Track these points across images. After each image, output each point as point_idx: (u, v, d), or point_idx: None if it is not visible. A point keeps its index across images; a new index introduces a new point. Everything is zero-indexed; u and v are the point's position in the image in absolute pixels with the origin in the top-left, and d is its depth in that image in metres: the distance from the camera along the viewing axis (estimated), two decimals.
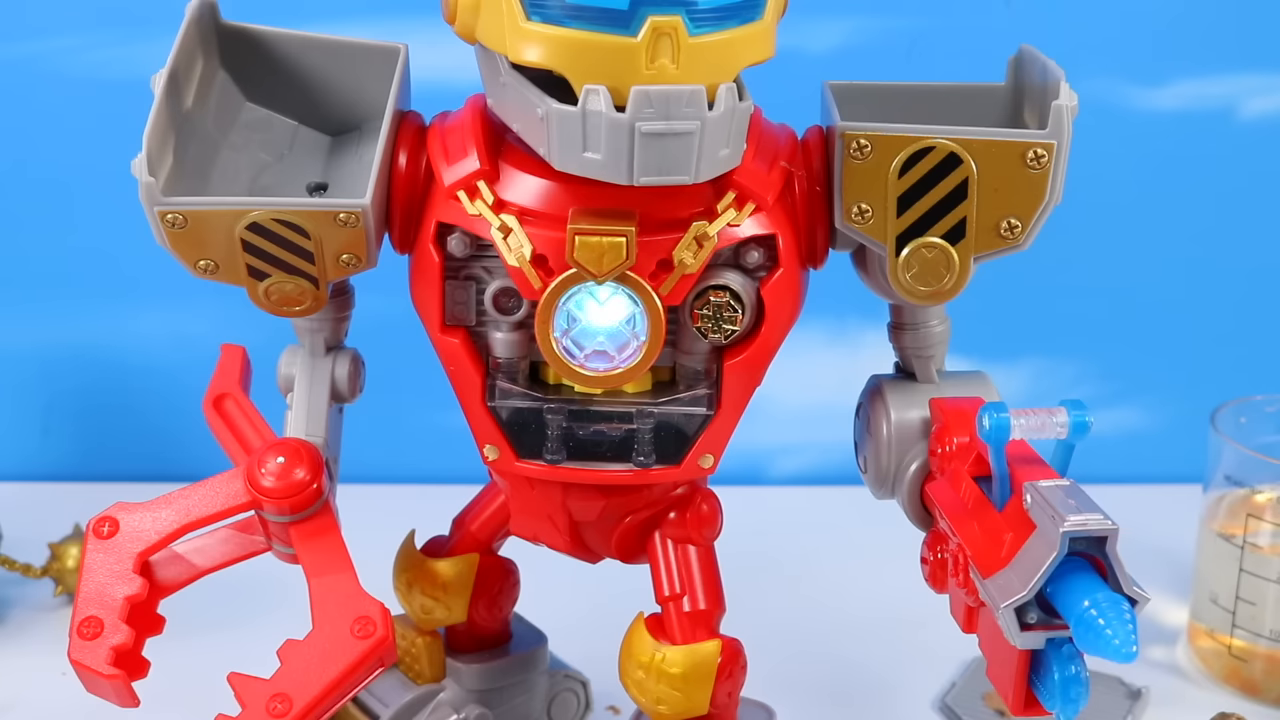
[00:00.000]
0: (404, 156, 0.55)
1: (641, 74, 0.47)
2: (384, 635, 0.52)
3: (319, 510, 0.55)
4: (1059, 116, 0.52)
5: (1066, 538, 0.46)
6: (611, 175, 0.49)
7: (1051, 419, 0.49)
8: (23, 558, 0.88)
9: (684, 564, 0.60)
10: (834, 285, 0.59)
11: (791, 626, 0.86)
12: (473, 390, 0.56)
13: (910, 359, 0.59)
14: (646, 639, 0.60)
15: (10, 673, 0.81)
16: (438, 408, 0.58)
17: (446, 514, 0.68)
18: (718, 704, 0.60)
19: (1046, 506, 0.47)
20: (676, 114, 0.47)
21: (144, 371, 1.04)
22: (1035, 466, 0.50)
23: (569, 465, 0.56)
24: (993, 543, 0.49)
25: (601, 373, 0.54)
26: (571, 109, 0.48)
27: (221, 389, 0.62)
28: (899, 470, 0.58)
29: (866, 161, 0.52)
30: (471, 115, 0.55)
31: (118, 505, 0.55)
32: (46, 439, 1.06)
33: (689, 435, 0.56)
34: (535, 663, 0.71)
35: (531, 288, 0.53)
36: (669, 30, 0.47)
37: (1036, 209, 0.53)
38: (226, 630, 0.55)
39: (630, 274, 0.52)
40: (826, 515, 0.99)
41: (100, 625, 0.52)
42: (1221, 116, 1.00)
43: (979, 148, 0.52)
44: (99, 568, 0.53)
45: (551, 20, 0.47)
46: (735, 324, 0.54)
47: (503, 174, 0.53)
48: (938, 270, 0.53)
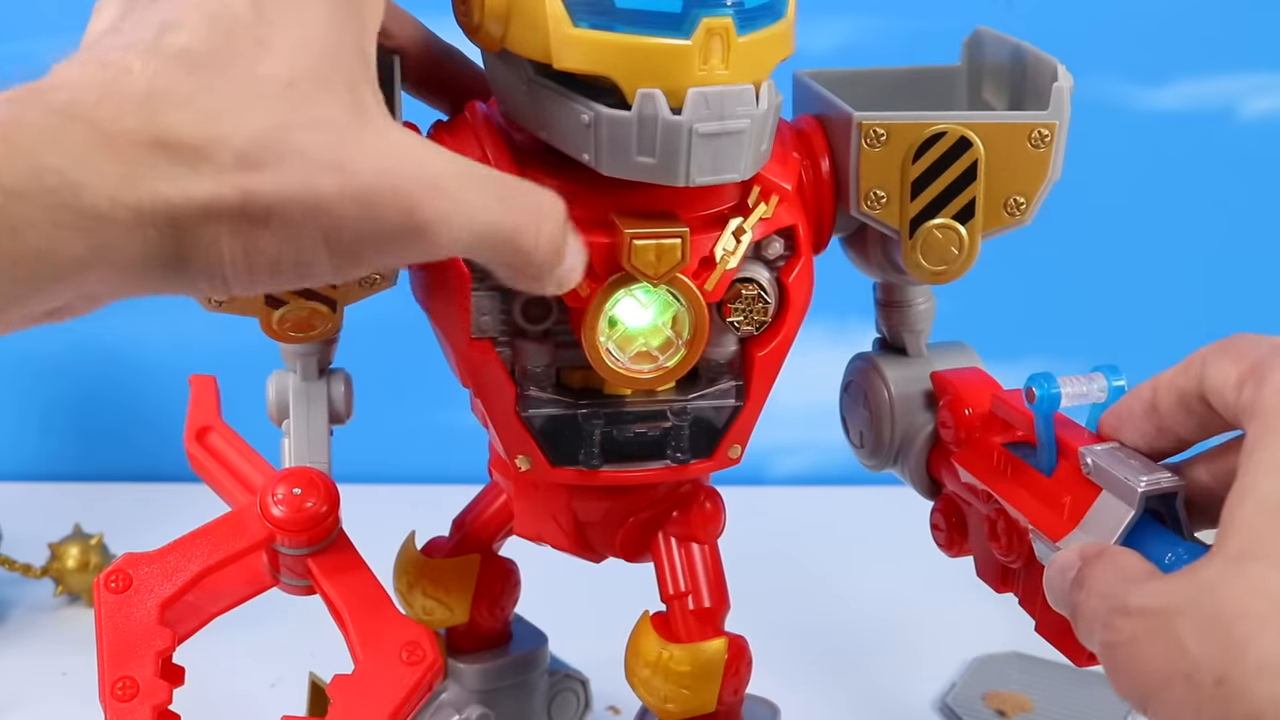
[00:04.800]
0: None
1: (695, 75, 0.47)
2: (434, 658, 0.51)
3: (336, 540, 0.54)
4: (1059, 97, 0.54)
5: (1144, 496, 0.47)
6: (667, 178, 0.49)
7: (1093, 385, 0.51)
8: (23, 558, 0.88)
9: (688, 562, 0.60)
10: (834, 285, 0.59)
11: (791, 626, 0.86)
12: (504, 401, 0.55)
13: (900, 334, 0.61)
14: (653, 637, 0.60)
15: (10, 673, 0.82)
16: (438, 408, 0.58)
17: (446, 514, 0.68)
18: (724, 701, 0.60)
19: (1113, 468, 0.48)
20: (730, 113, 0.48)
21: (144, 371, 1.04)
22: (1076, 431, 0.52)
23: (608, 469, 0.56)
24: (1051, 507, 0.51)
25: (646, 374, 0.54)
26: (624, 114, 0.48)
27: (202, 422, 0.60)
28: (904, 442, 0.60)
29: (882, 149, 0.54)
30: (480, 124, 0.54)
31: (126, 558, 0.53)
32: (46, 439, 1.06)
33: (720, 427, 0.57)
34: (536, 663, 0.71)
35: (577, 295, 0.52)
36: (721, 31, 0.47)
37: (1040, 185, 0.55)
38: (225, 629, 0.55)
39: (678, 274, 0.52)
40: (826, 515, 0.99)
41: (135, 685, 0.50)
42: (1221, 116, 1.00)
43: (987, 130, 0.54)
44: (120, 624, 0.51)
45: (600, 26, 0.47)
46: (766, 315, 0.55)
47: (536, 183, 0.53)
48: (949, 249, 0.55)
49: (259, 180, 0.41)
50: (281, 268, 0.43)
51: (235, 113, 0.41)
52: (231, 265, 0.42)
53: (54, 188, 0.38)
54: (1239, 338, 0.46)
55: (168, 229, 0.40)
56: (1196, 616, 0.39)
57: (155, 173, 0.40)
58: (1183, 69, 0.99)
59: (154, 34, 0.42)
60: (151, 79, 0.41)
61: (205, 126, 0.41)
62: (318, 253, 0.43)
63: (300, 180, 0.41)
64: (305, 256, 0.43)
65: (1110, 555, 0.45)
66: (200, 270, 0.42)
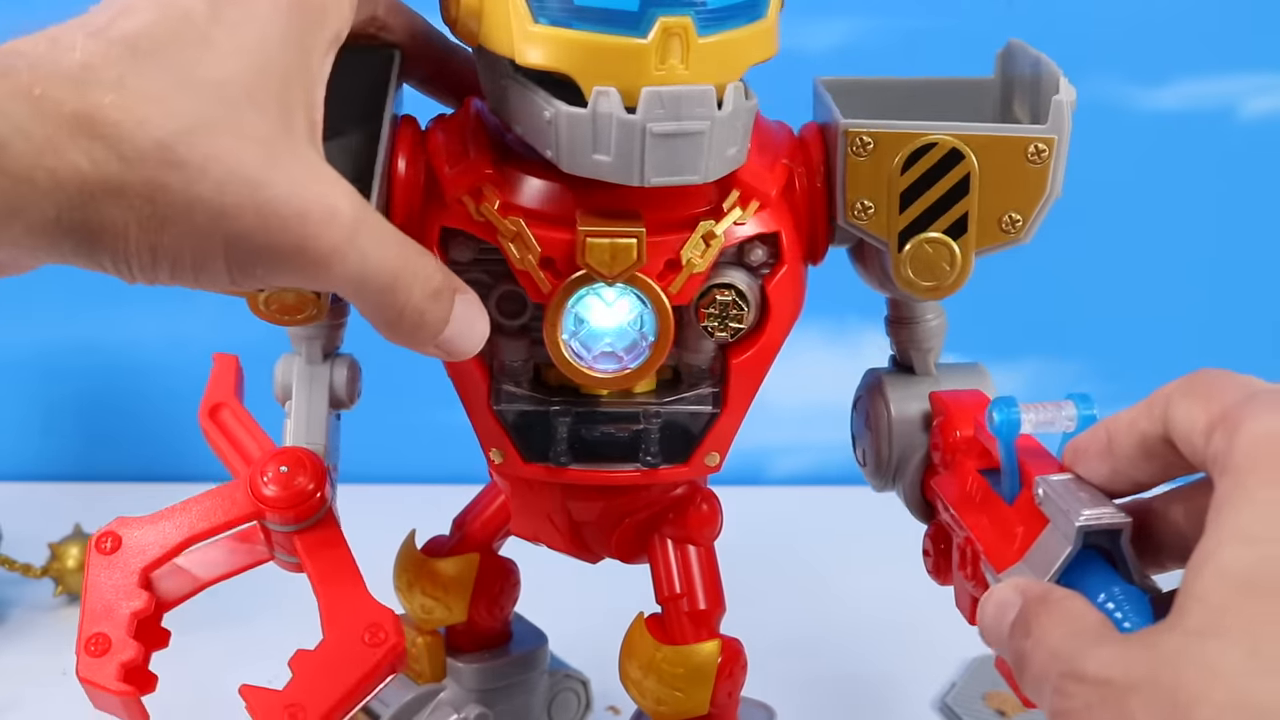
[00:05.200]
0: (403, 162, 0.54)
1: (651, 75, 0.47)
2: (395, 642, 0.52)
3: (323, 519, 0.55)
4: (1059, 111, 0.52)
5: (1082, 532, 0.46)
6: (622, 176, 0.49)
7: (1060, 413, 0.49)
8: (23, 558, 0.88)
9: (684, 564, 0.60)
10: (834, 285, 0.59)
11: (791, 626, 0.86)
12: (478, 394, 0.56)
13: (908, 352, 0.59)
14: (647, 639, 0.60)
15: (10, 673, 0.82)
16: (438, 408, 0.58)
17: (446, 514, 0.68)
18: (718, 704, 0.60)
19: (1059, 500, 0.47)
20: (687, 114, 0.48)
21: (143, 372, 1.04)
22: (1044, 460, 0.50)
23: (576, 467, 0.56)
24: (1004, 537, 0.50)
25: (610, 374, 0.54)
26: (581, 111, 0.48)
27: (217, 399, 0.62)
28: (900, 463, 0.58)
29: (869, 158, 0.52)
30: (471, 118, 0.55)
31: (118, 520, 0.54)
32: (46, 439, 1.06)
33: (695, 434, 0.56)
34: (535, 663, 0.71)
35: (540, 291, 0.52)
36: (679, 30, 0.47)
37: (1037, 203, 0.53)
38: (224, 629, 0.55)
39: (639, 274, 0.52)
40: (826, 515, 0.99)
41: (108, 642, 0.52)
42: (1221, 116, 1.00)
43: (981, 143, 0.52)
44: (103, 584, 0.53)
45: (559, 23, 0.47)
46: (741, 322, 0.54)
47: (507, 177, 0.53)
48: (940, 265, 0.53)
49: (172, 177, 0.42)
50: (181, 266, 0.44)
51: (163, 103, 0.42)
52: (136, 253, 0.43)
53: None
54: (1206, 376, 0.44)
55: (79, 201, 0.42)
56: (1154, 696, 0.38)
57: (76, 145, 0.41)
58: (1183, 69, 0.99)
59: (108, 19, 0.43)
60: (89, 57, 0.42)
61: (131, 109, 0.42)
62: (216, 260, 0.44)
63: (212, 187, 0.42)
64: (204, 261, 0.44)
65: (1058, 603, 0.43)
66: (106, 250, 0.43)
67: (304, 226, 0.44)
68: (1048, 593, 0.43)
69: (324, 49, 0.47)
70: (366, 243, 0.45)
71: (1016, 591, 0.44)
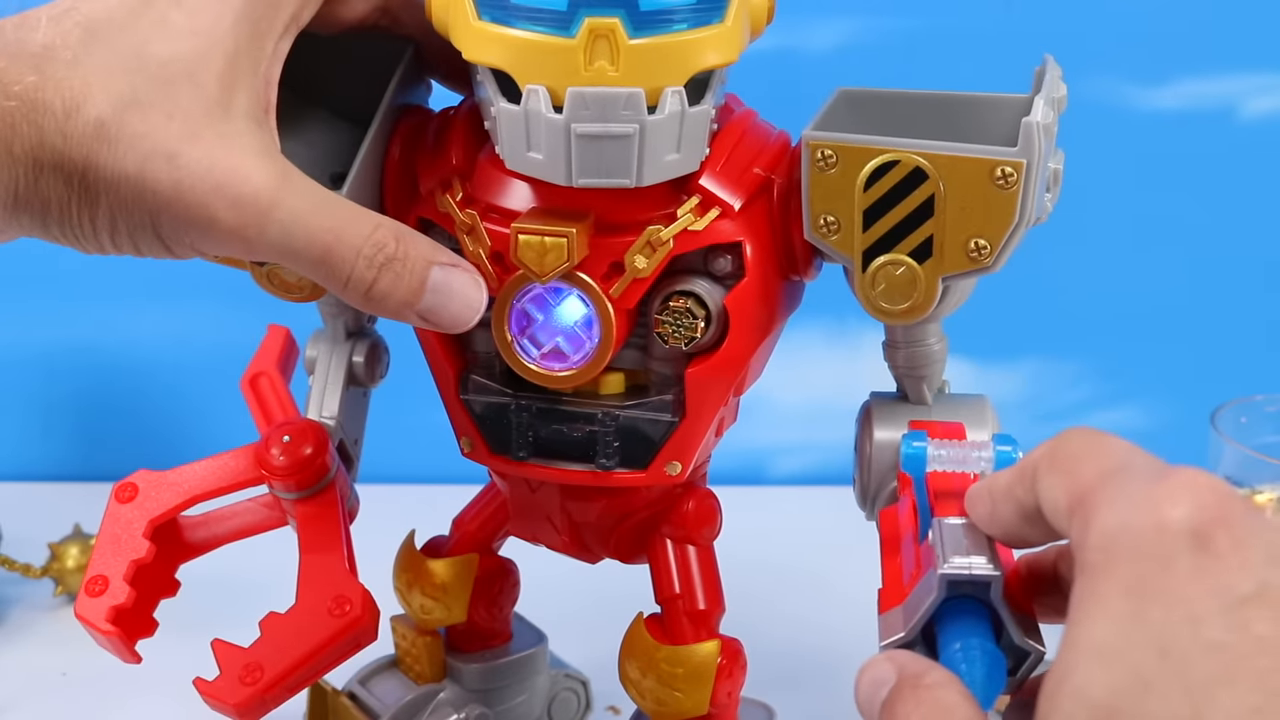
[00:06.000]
0: (398, 150, 0.55)
1: (580, 75, 0.47)
2: (358, 615, 0.53)
3: (323, 490, 0.57)
4: (1029, 134, 0.48)
5: (945, 580, 0.44)
6: (552, 175, 0.49)
7: (976, 453, 0.48)
8: (23, 558, 0.88)
9: (684, 564, 0.60)
10: (833, 285, 0.59)
11: (791, 626, 0.86)
12: (448, 383, 0.57)
13: (902, 378, 0.57)
14: (646, 639, 0.60)
15: (10, 673, 0.82)
16: (438, 408, 0.58)
17: (446, 514, 0.68)
18: (718, 704, 0.60)
19: (939, 545, 0.45)
20: (613, 116, 0.47)
21: (144, 371, 1.04)
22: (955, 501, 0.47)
23: (534, 462, 0.57)
24: (898, 578, 0.48)
25: (556, 372, 0.54)
26: (515, 108, 0.48)
27: (259, 368, 0.65)
28: (877, 494, 0.57)
29: (833, 172, 0.50)
30: (463, 112, 0.56)
31: (141, 473, 0.57)
32: (47, 439, 1.06)
33: (655, 441, 0.56)
34: (535, 662, 0.71)
35: (490, 284, 0.53)
36: (606, 32, 0.46)
37: (1005, 230, 0.49)
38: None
39: (581, 275, 0.52)
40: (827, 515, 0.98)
41: (105, 584, 0.54)
42: (1221, 116, 1.00)
43: (944, 163, 0.49)
44: (113, 530, 0.56)
45: (498, 20, 0.48)
46: (695, 332, 0.53)
47: (478, 171, 0.54)
48: (905, 289, 0.51)
49: (103, 153, 0.45)
50: (119, 235, 0.47)
51: (108, 82, 0.45)
52: (78, 224, 0.46)
53: None
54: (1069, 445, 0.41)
55: (32, 176, 0.45)
56: None
57: (30, 121, 0.44)
58: (1183, 69, 0.99)
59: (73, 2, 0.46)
60: (51, 39, 0.45)
61: (78, 89, 0.45)
62: (146, 231, 0.47)
63: (135, 162, 0.45)
64: (136, 231, 0.47)
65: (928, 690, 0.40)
66: (55, 222, 0.46)
67: (218, 199, 0.46)
68: (921, 676, 0.41)
69: (279, 30, 0.49)
70: (288, 216, 0.47)
71: (893, 667, 0.42)
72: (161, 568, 0.56)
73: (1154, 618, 0.35)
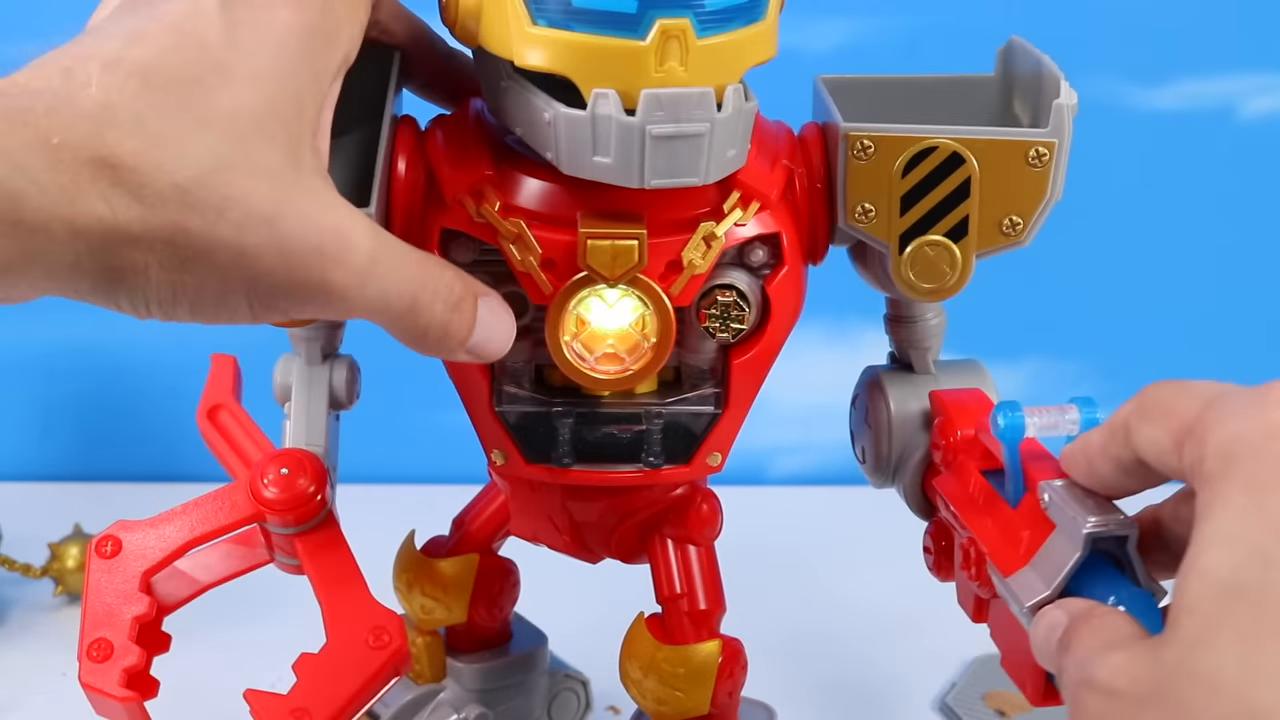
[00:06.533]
0: (403, 163, 0.54)
1: (650, 77, 0.47)
2: (400, 644, 0.52)
3: (324, 521, 0.55)
4: (1059, 115, 0.52)
5: (1090, 538, 0.46)
6: (622, 179, 0.49)
7: (1064, 416, 0.50)
8: (23, 558, 0.88)
9: (684, 564, 0.60)
10: (834, 285, 0.59)
11: (791, 626, 0.86)
12: (480, 396, 0.56)
13: (907, 351, 0.59)
14: (647, 639, 0.60)
15: (10, 673, 0.82)
16: (438, 408, 0.58)
17: (446, 514, 0.68)
18: (718, 704, 0.60)
19: (1065, 507, 0.47)
20: (686, 116, 0.48)
21: (144, 372, 1.04)
22: (1046, 463, 0.50)
23: (578, 468, 0.56)
24: (1010, 540, 0.50)
25: (612, 375, 0.54)
26: (580, 113, 0.48)
27: (215, 400, 0.62)
28: (901, 461, 0.59)
29: (870, 161, 0.53)
30: (471, 120, 0.55)
31: (119, 524, 0.54)
32: (46, 439, 1.06)
33: (697, 434, 0.56)
34: (535, 663, 0.71)
35: (541, 292, 0.52)
36: (677, 33, 0.47)
37: (1038, 206, 0.53)
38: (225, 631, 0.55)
39: (640, 276, 0.52)
40: (826, 515, 0.99)
41: (110, 647, 0.51)
42: (1221, 116, 1.00)
43: (981, 147, 0.52)
44: (104, 588, 0.53)
45: (558, 24, 0.47)
46: (743, 323, 0.54)
47: (507, 178, 0.53)
48: (940, 268, 0.54)
49: (193, 220, 0.42)
50: (203, 304, 0.44)
51: (181, 142, 0.42)
52: (156, 293, 0.43)
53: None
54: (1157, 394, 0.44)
55: (99, 248, 0.41)
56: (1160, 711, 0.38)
57: (95, 191, 0.41)
58: (1183, 69, 0.99)
59: (120, 45, 0.42)
60: (106, 94, 0.41)
61: (150, 152, 0.41)
62: (237, 296, 0.44)
63: (232, 229, 0.42)
64: (226, 299, 0.44)
65: (1099, 618, 0.43)
66: (124, 291, 0.43)
67: (322, 261, 0.44)
68: (1091, 610, 0.44)
69: (334, 73, 0.47)
70: (384, 270, 0.46)
71: (1065, 612, 0.45)
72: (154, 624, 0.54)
73: (1272, 506, 0.39)
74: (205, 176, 0.42)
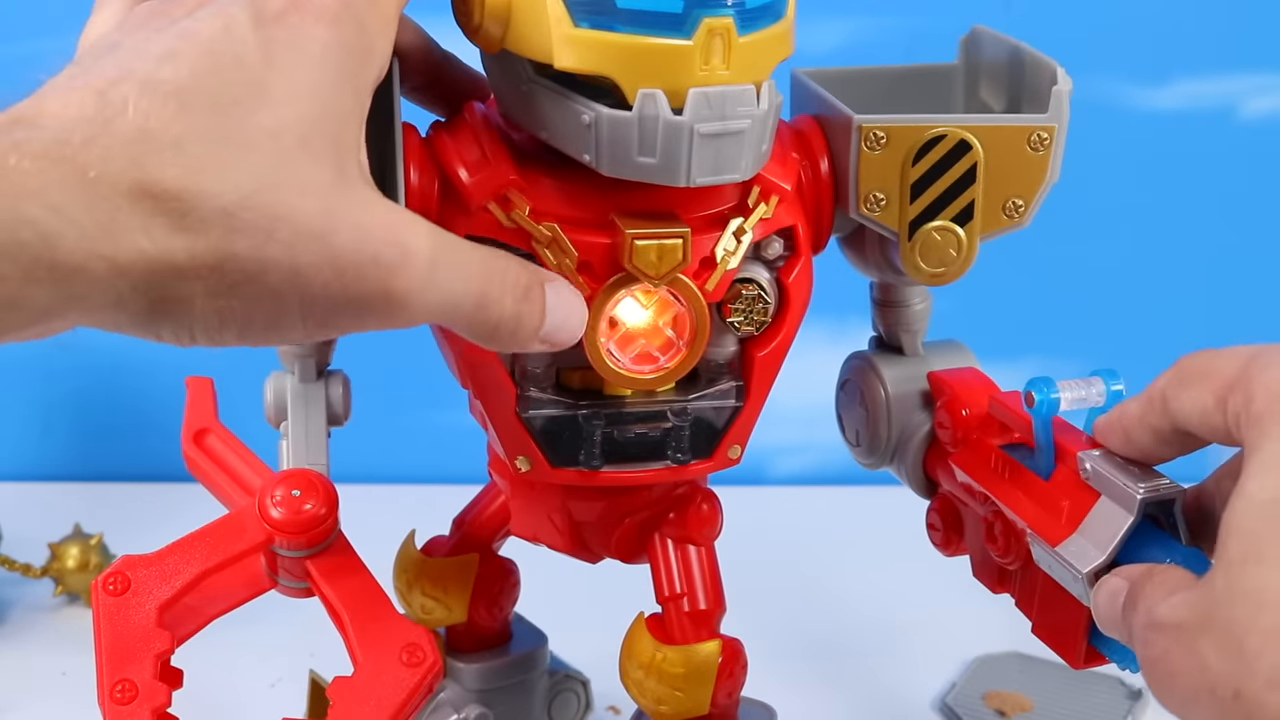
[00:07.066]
0: (415, 171, 0.53)
1: (696, 76, 0.47)
2: (434, 660, 0.51)
3: (335, 542, 0.54)
4: (1059, 100, 0.54)
5: (1143, 503, 0.47)
6: (668, 178, 0.49)
7: (1091, 390, 0.51)
8: (23, 558, 0.88)
9: (684, 564, 0.60)
10: (834, 285, 0.59)
11: (791, 626, 0.86)
12: (505, 403, 0.55)
13: (898, 334, 0.61)
14: (647, 639, 0.60)
15: (10, 673, 0.82)
16: (438, 408, 0.58)
17: (446, 514, 0.68)
18: (718, 704, 0.60)
19: (1110, 475, 0.49)
20: (732, 113, 0.48)
21: (144, 371, 1.04)
22: (1074, 435, 0.52)
23: (609, 469, 0.56)
24: (1050, 511, 0.51)
25: (647, 374, 0.54)
26: (625, 114, 0.48)
27: (200, 424, 0.60)
28: (901, 441, 0.60)
29: (880, 152, 0.54)
30: (479, 124, 0.54)
31: (124, 560, 0.53)
32: (46, 439, 1.06)
33: (719, 428, 0.57)
34: (535, 663, 0.71)
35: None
36: (722, 31, 0.47)
37: (1039, 188, 0.55)
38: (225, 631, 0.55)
39: (680, 275, 0.52)
40: (826, 515, 0.99)
41: (135, 688, 0.50)
42: (1221, 116, 1.00)
43: (987, 133, 0.54)
44: (119, 626, 0.51)
45: (601, 26, 0.47)
46: (766, 315, 0.55)
47: (532, 182, 0.52)
48: (947, 251, 0.55)
49: (241, 244, 0.40)
50: (253, 327, 0.43)
51: (223, 165, 0.40)
52: (202, 320, 0.42)
53: (28, 241, 0.38)
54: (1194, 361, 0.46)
55: (143, 283, 0.40)
56: (1214, 632, 0.40)
57: (135, 223, 0.39)
58: (1183, 69, 0.99)
59: (153, 65, 0.41)
60: (144, 119, 0.40)
61: (192, 177, 0.40)
62: (291, 317, 0.43)
63: (282, 249, 0.41)
64: (278, 320, 0.43)
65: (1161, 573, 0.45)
66: (168, 322, 0.42)
67: (380, 271, 0.43)
68: (1151, 570, 0.45)
69: (370, 87, 0.46)
70: (446, 270, 0.45)
71: (1123, 579, 0.46)
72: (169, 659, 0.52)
73: None
74: (250, 198, 0.40)
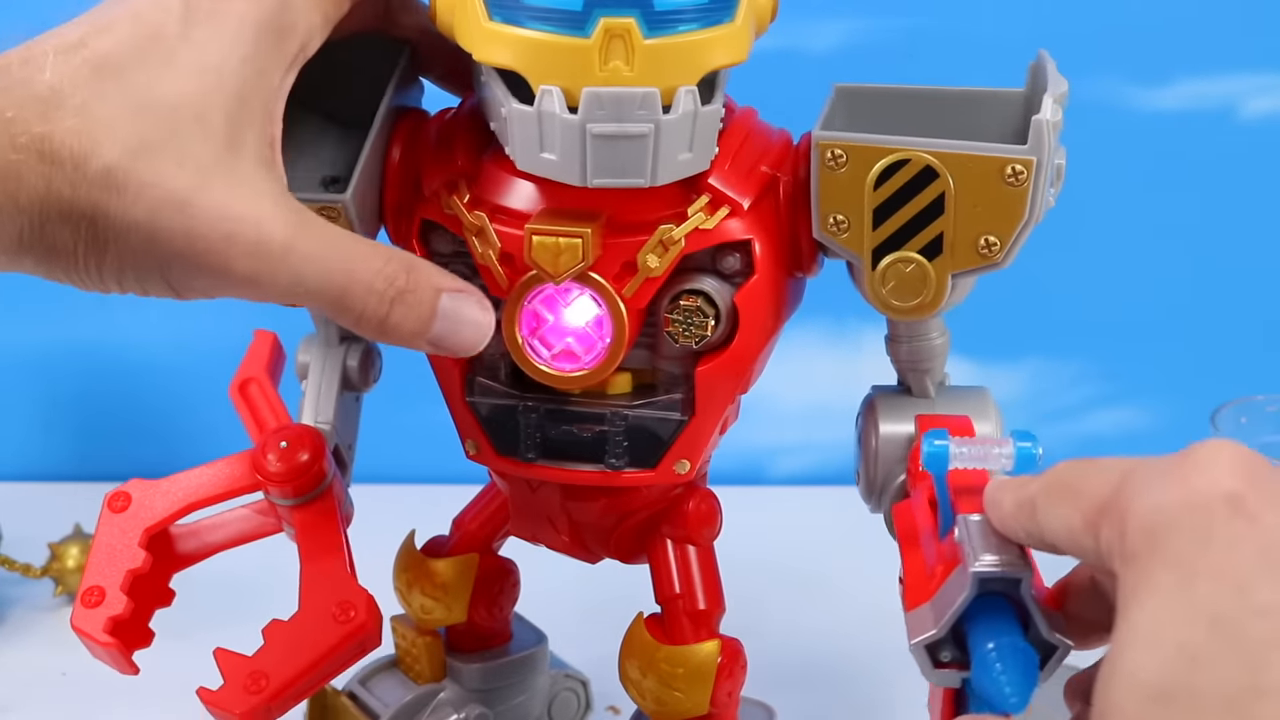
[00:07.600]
0: (398, 152, 0.55)
1: (595, 75, 0.47)
2: (364, 621, 0.52)
3: (320, 495, 0.56)
4: (1039, 132, 0.49)
5: (977, 578, 0.44)
6: (567, 176, 0.49)
7: (997, 450, 0.48)
8: (23, 558, 0.88)
9: (684, 564, 0.60)
10: (834, 285, 0.59)
11: (791, 626, 0.86)
12: (453, 386, 0.57)
13: (905, 372, 0.58)
14: (646, 639, 0.60)
15: (10, 673, 0.82)
16: (437, 408, 0.58)
17: (446, 514, 0.68)
18: (718, 704, 0.60)
19: (968, 542, 0.46)
20: (628, 116, 0.47)
21: (144, 371, 1.04)
22: (975, 497, 0.48)
23: (542, 463, 0.56)
24: (927, 574, 0.48)
25: (567, 372, 0.54)
26: (528, 109, 0.48)
27: (248, 374, 0.64)
28: (884, 486, 0.57)
29: (842, 172, 0.51)
30: (465, 113, 0.56)
31: (134, 481, 0.57)
32: (47, 439, 1.06)
33: (664, 440, 0.56)
34: (535, 663, 0.71)
35: (499, 286, 0.53)
36: (621, 32, 0.46)
37: (1015, 227, 0.50)
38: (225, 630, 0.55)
39: (593, 275, 0.52)
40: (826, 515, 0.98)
41: (101, 595, 0.54)
42: (1222, 116, 1.00)
43: (955, 161, 0.50)
44: (108, 540, 0.55)
45: (511, 21, 0.47)
46: (706, 330, 0.53)
47: (484, 172, 0.53)
48: (915, 285, 0.52)
49: (112, 202, 0.44)
50: (125, 282, 0.46)
51: (115, 129, 0.44)
52: (84, 268, 0.45)
53: None
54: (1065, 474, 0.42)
55: (37, 223, 0.44)
56: None
57: (37, 172, 0.43)
58: (1183, 69, 0.99)
59: (81, 35, 0.45)
60: (58, 79, 0.44)
61: (86, 134, 0.44)
62: (154, 278, 0.46)
63: (145, 212, 0.44)
64: (144, 279, 0.46)
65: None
66: (60, 267, 0.45)
67: (229, 249, 0.45)
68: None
69: (286, 64, 0.48)
70: (300, 260, 0.47)
71: None
72: (156, 577, 0.56)
73: (1201, 590, 0.35)
74: (129, 159, 0.44)
